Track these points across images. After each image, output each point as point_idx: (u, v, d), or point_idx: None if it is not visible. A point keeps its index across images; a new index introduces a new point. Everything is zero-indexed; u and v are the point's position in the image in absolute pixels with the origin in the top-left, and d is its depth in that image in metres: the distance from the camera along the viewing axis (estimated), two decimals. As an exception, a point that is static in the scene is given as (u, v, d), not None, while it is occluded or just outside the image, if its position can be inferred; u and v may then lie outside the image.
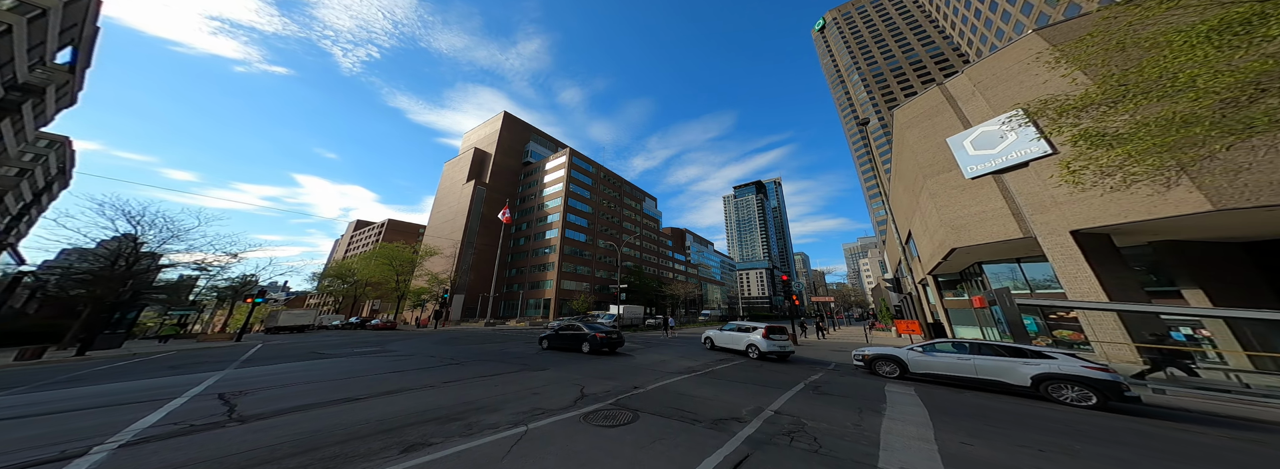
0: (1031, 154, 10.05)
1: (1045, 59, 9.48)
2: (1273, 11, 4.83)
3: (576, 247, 44.60)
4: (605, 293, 44.14)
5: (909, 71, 54.00)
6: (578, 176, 48.74)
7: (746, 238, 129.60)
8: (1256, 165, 6.45)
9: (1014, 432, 3.73)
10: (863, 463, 2.79)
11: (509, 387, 5.49)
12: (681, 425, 3.67)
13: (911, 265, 18.60)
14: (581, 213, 46.91)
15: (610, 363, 8.20)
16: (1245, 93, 5.36)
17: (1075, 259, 8.97)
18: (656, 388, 5.53)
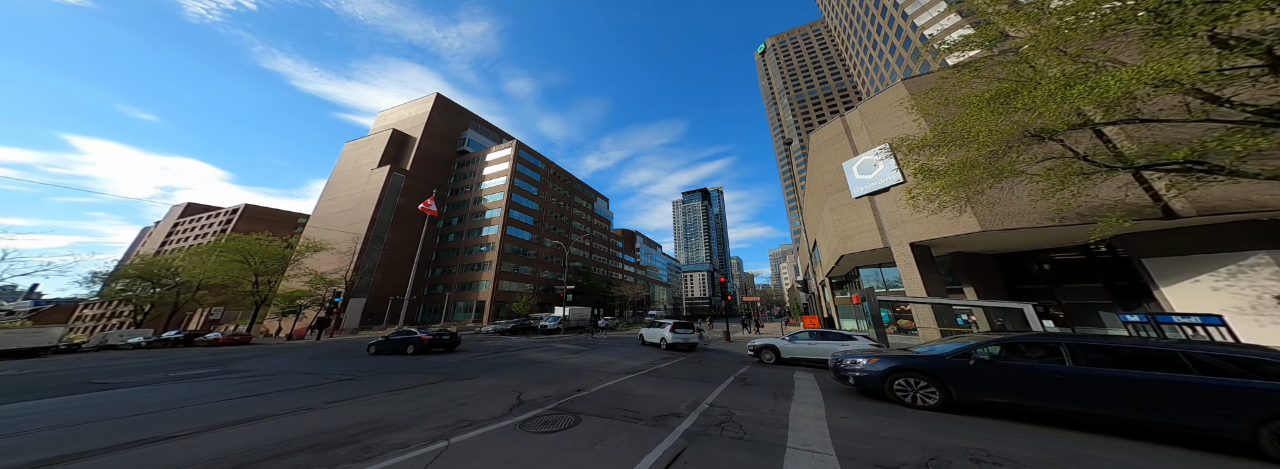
0: (891, 181, 12.73)
1: (905, 105, 12.11)
2: (1022, 90, 6.87)
3: (520, 245, 41.29)
4: (551, 294, 41.89)
5: (823, 102, 65.37)
6: (524, 171, 45.31)
7: (692, 242, 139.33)
8: (1003, 201, 9.31)
9: (873, 401, 4.73)
10: (776, 444, 3.19)
11: (425, 400, 4.89)
12: (624, 425, 3.71)
13: (815, 269, 22.06)
14: (526, 210, 43.72)
15: (553, 366, 7.98)
16: (1001, 147, 7.58)
17: (911, 265, 11.70)
18: (601, 389, 5.49)
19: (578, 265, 47.67)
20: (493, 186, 43.38)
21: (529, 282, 40.63)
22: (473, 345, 13.58)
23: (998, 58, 7.93)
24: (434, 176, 45.09)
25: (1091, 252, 10.53)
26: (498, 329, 23.10)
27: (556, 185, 51.09)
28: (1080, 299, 10.98)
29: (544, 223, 46.03)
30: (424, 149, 44.99)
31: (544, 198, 47.59)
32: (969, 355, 4.24)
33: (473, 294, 37.41)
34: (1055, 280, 11.58)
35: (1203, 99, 5.81)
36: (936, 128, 8.66)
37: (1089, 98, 6.05)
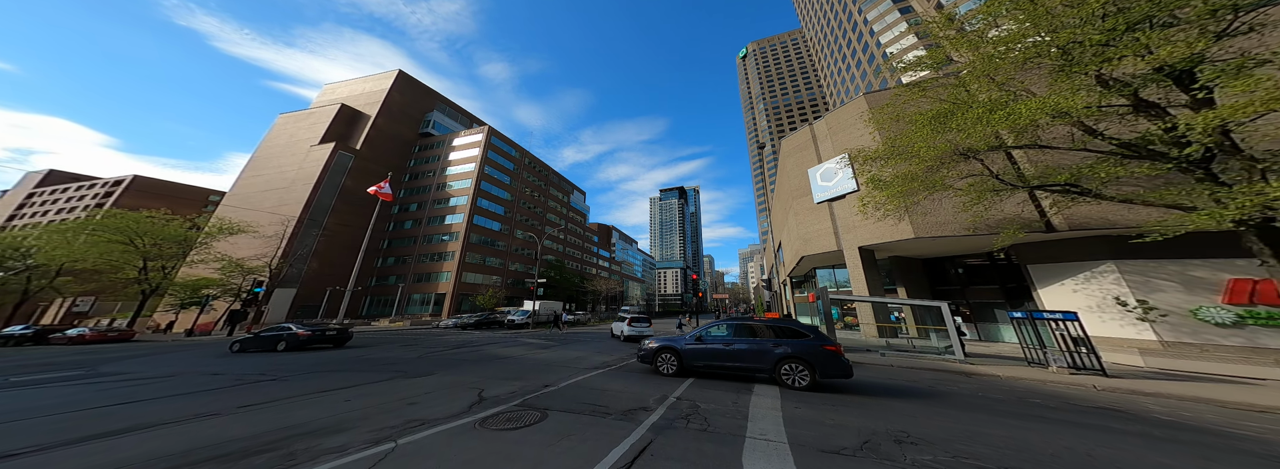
0: (847, 189, 13.89)
1: (864, 118, 13.19)
2: (957, 112, 7.78)
3: (488, 235, 38.80)
4: (520, 287, 40.13)
5: (795, 109, 69.48)
6: (495, 159, 42.47)
7: (667, 239, 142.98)
8: (933, 211, 10.64)
9: (820, 396, 4.96)
10: (736, 434, 3.33)
11: (368, 400, 4.50)
12: (592, 419, 3.69)
13: (779, 269, 23.57)
14: (497, 199, 41.13)
15: (519, 362, 7.75)
16: (936, 163, 8.58)
17: (858, 267, 12.97)
18: (570, 384, 5.42)
19: (551, 259, 46.17)
20: (459, 173, 40.15)
21: (496, 274, 38.55)
22: (429, 341, 12.59)
23: (942, 80, 8.92)
24: (390, 158, 40.54)
25: (993, 258, 12.49)
26: (459, 324, 21.68)
27: (531, 176, 48.73)
28: (983, 299, 13.00)
29: (516, 213, 43.76)
30: (380, 128, 40.23)
31: (517, 188, 45.16)
32: (701, 338, 5.98)
33: (431, 286, 34.58)
34: (966, 283, 13.56)
35: (1084, 131, 7.05)
36: (887, 142, 9.53)
37: (1006, 123, 7.02)
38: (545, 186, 51.58)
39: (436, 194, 39.96)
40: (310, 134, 38.08)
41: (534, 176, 49.58)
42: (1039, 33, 6.98)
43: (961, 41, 8.16)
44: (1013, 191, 8.11)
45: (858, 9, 34.57)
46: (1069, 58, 6.57)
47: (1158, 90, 6.35)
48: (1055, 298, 9.70)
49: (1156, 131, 5.97)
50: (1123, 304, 8.34)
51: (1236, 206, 5.09)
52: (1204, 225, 5.47)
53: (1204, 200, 5.55)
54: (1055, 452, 2.95)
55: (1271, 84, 5.01)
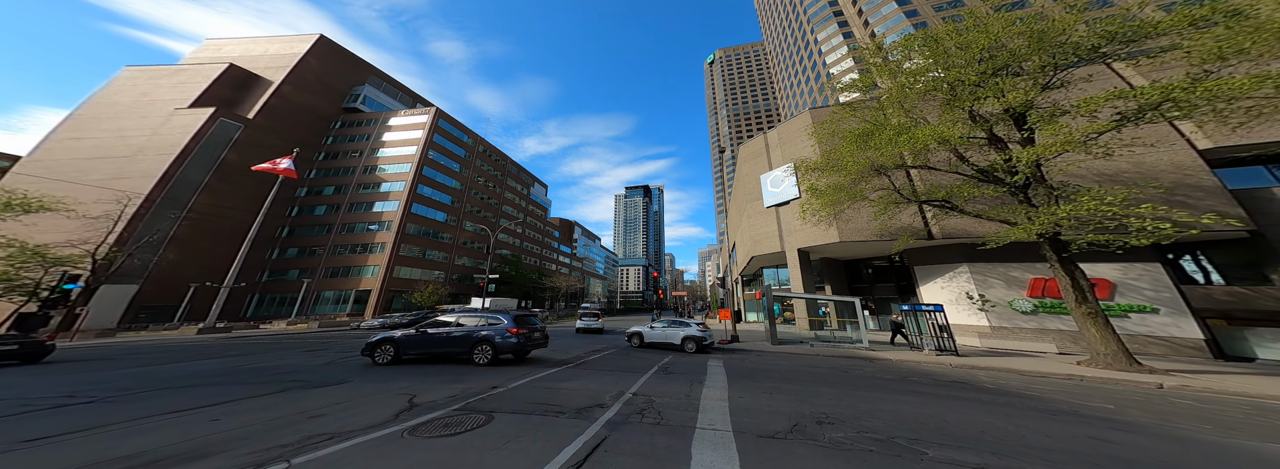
0: (791, 196, 15.53)
1: (808, 131, 14.83)
2: (875, 132, 9.19)
3: (430, 226, 34.55)
4: (469, 283, 36.66)
5: (752, 118, 75.95)
6: (443, 143, 38.15)
7: (631, 236, 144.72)
8: (853, 219, 12.54)
9: (763, 382, 5.56)
10: (687, 426, 3.45)
11: (250, 416, 3.76)
12: (543, 420, 3.60)
13: (733, 268, 25.39)
14: (443, 187, 36.95)
15: (455, 366, 7.07)
16: (858, 176, 10.07)
17: (796, 267, 14.65)
18: (521, 385, 5.23)
19: (506, 253, 43.30)
20: (396, 155, 35.18)
21: (439, 269, 34.56)
22: (344, 345, 10.71)
23: (868, 103, 10.40)
24: (298, 133, 33.63)
25: (892, 261, 15.28)
26: (386, 324, 18.68)
27: (485, 164, 44.87)
28: (884, 295, 15.76)
29: (465, 204, 39.75)
30: (286, 97, 33.19)
31: (468, 176, 41.06)
32: (414, 329, 6.96)
33: (351, 282, 29.73)
34: (873, 281, 16.32)
35: (957, 157, 8.88)
36: (825, 154, 10.85)
37: (908, 145, 8.49)
38: (502, 177, 47.88)
39: (363, 177, 34.46)
40: (177, 94, 29.81)
41: (489, 166, 45.73)
42: (938, 69, 8.66)
43: (885, 70, 9.68)
44: (908, 204, 9.89)
45: (811, 29, 38.83)
46: (954, 93, 8.23)
47: (1004, 128, 8.32)
48: (930, 293, 12.23)
49: (999, 161, 7.80)
50: (970, 298, 10.89)
51: (1039, 223, 6.93)
52: (1020, 237, 7.34)
53: (1021, 218, 7.44)
54: (922, 420, 3.70)
55: (1066, 131, 6.94)
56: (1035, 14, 7.77)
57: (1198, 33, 6.45)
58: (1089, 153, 7.15)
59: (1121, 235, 6.37)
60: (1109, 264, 9.41)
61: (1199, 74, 6.18)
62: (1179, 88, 6.01)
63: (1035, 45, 7.43)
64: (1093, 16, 7.90)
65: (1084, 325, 7.22)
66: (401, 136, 36.56)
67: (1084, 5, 7.41)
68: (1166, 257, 9.65)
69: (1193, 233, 7.13)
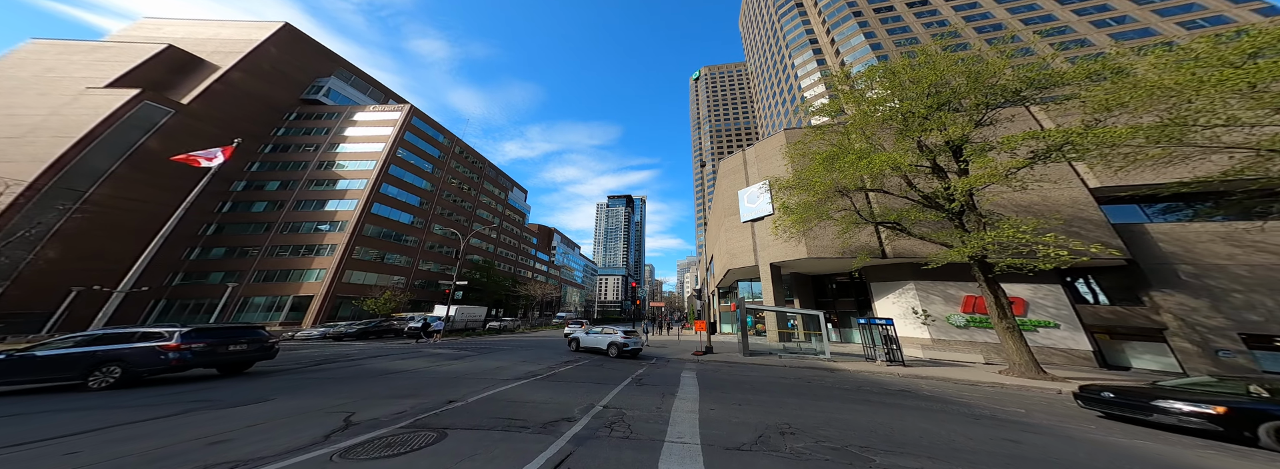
0: (766, 212, 16.47)
1: (782, 151, 16.01)
2: (840, 156, 10.16)
3: (393, 228, 32.52)
4: (433, 290, 34.37)
5: (733, 135, 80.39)
6: (415, 142, 36.81)
7: (612, 245, 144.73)
8: (820, 236, 13.55)
9: (733, 393, 5.66)
10: (657, 439, 3.45)
11: (134, 444, 3.16)
12: (504, 436, 3.47)
13: (709, 280, 26.01)
14: (411, 187, 35.25)
15: (417, 377, 6.73)
16: (825, 196, 10.98)
17: (768, 281, 15.37)
18: (483, 398, 4.99)
19: (477, 259, 41.48)
20: (359, 152, 33.24)
21: (400, 274, 32.21)
22: (280, 359, 9.49)
23: (835, 127, 11.33)
24: (244, 123, 31.11)
25: (852, 277, 16.56)
26: (330, 333, 16.72)
27: (461, 166, 43.63)
28: (844, 309, 16.81)
29: (436, 206, 37.95)
30: (234, 84, 30.68)
31: (441, 177, 39.51)
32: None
33: (289, 286, 26.80)
34: (836, 296, 17.43)
35: (907, 184, 10.07)
36: (796, 174, 11.66)
37: (867, 169, 9.43)
38: (478, 180, 46.52)
39: (317, 173, 32.09)
40: (93, 73, 26.78)
41: (465, 168, 44.41)
42: (894, 99, 9.82)
43: (851, 97, 10.79)
44: (866, 225, 10.88)
45: (789, 53, 42.56)
46: (906, 124, 9.30)
47: (945, 158, 9.55)
48: (883, 308, 13.29)
49: (940, 189, 8.92)
50: (915, 313, 12.02)
51: (970, 247, 7.95)
52: (955, 258, 8.35)
53: (957, 241, 8.49)
54: (872, 428, 3.96)
55: (992, 165, 8.13)
56: (974, 56, 9.07)
57: (1092, 85, 7.78)
58: (1009, 185, 8.39)
59: (1032, 260, 7.48)
60: (1023, 284, 10.76)
61: (1091, 122, 7.39)
62: (1075, 132, 7.22)
63: (972, 85, 8.61)
64: (1017, 62, 9.52)
65: (1004, 338, 8.24)
66: (368, 132, 34.84)
67: (1011, 52, 8.68)
68: (1065, 279, 11.18)
69: (1084, 259, 8.52)
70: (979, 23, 30.55)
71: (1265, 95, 6.25)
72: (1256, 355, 8.81)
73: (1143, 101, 6.93)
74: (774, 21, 48.99)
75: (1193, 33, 23.15)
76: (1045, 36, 27.03)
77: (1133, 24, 25.21)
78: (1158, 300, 9.97)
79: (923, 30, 31.76)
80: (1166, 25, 24.23)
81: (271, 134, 33.91)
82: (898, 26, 33.34)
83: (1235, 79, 6.11)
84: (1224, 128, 6.77)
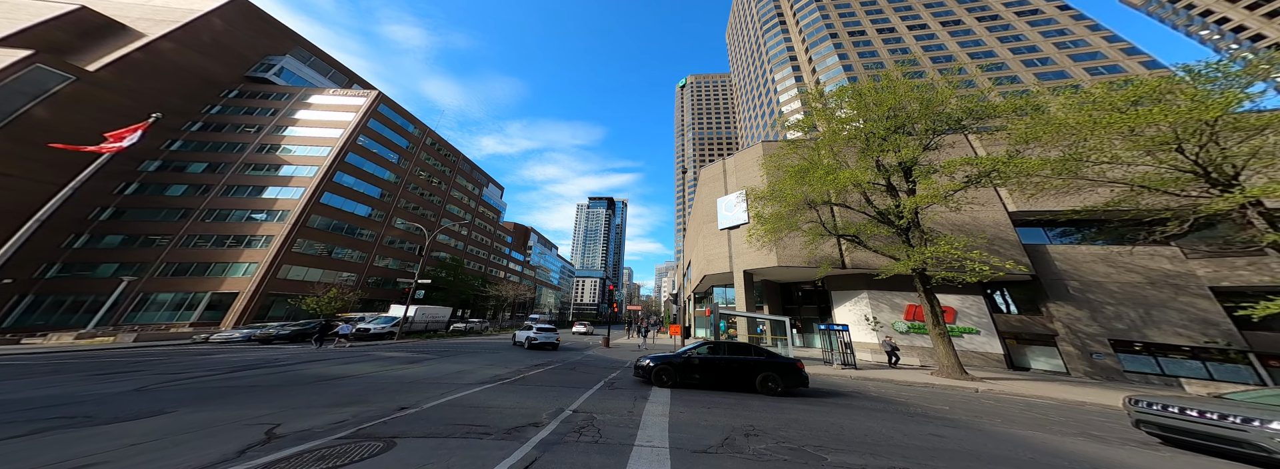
0: (742, 221, 17.25)
1: (759, 162, 16.92)
2: (810, 170, 10.97)
3: (345, 220, 29.95)
4: (390, 288, 32.09)
5: (715, 143, 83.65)
6: (380, 130, 34.50)
7: (590, 247, 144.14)
8: (789, 246, 14.50)
9: (703, 396, 5.89)
10: (626, 443, 3.46)
11: None
12: (463, 443, 3.33)
13: (686, 286, 26.64)
14: (372, 178, 32.77)
15: (361, 382, 6.27)
16: (795, 208, 11.80)
17: (742, 287, 16.10)
18: (441, 404, 4.76)
19: (443, 256, 39.24)
20: (312, 137, 30.55)
21: (351, 269, 29.62)
22: (177, 364, 8.33)
23: (807, 142, 12.09)
24: (169, 96, 27.59)
25: (816, 285, 17.86)
26: (256, 336, 14.84)
27: (432, 158, 41.39)
28: (808, 315, 17.98)
29: (400, 199, 35.46)
30: (162, 54, 26.99)
31: (408, 169, 37.14)
32: None
33: (208, 282, 23.71)
34: (801, 302, 18.62)
35: (865, 200, 11.12)
36: (771, 185, 12.45)
37: (833, 185, 10.25)
38: (450, 174, 44.29)
39: (256, 157, 29.02)
40: None
41: (437, 161, 42.19)
42: (859, 120, 10.84)
43: (823, 114, 11.71)
44: (830, 237, 11.84)
45: (770, 68, 45.12)
46: (868, 143, 10.33)
47: (898, 178, 10.62)
48: (841, 315, 14.47)
49: (892, 206, 9.99)
50: (867, 320, 13.29)
51: (914, 260, 8.97)
52: (901, 270, 9.35)
53: (903, 254, 9.55)
54: (826, 428, 4.28)
55: (935, 187, 9.24)
56: (927, 84, 10.20)
57: (1017, 119, 9.07)
58: (947, 206, 9.56)
59: (961, 274, 8.59)
60: (954, 295, 12.21)
61: (1013, 152, 8.65)
62: (1001, 161, 8.39)
63: (924, 110, 9.68)
64: (961, 93, 10.88)
65: (936, 343, 9.33)
66: (325, 117, 32.16)
67: (957, 82, 9.92)
68: (985, 291, 12.81)
69: (1001, 274, 9.92)
70: (934, 53, 34.27)
71: (1140, 138, 7.69)
72: (1121, 357, 10.59)
73: (1052, 137, 8.23)
74: (758, 36, 51.59)
75: (1096, 78, 27.68)
76: (985, 71, 30.88)
77: (1052, 66, 29.66)
78: (1052, 310, 11.73)
79: (888, 56, 35.04)
80: (1077, 69, 28.80)
81: (202, 111, 30.32)
82: (868, 50, 36.51)
83: (1120, 122, 7.45)
84: (1109, 165, 8.22)
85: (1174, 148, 7.55)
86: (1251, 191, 6.70)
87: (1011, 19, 34.00)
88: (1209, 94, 7.20)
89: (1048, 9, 33.44)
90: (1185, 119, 6.94)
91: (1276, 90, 7.69)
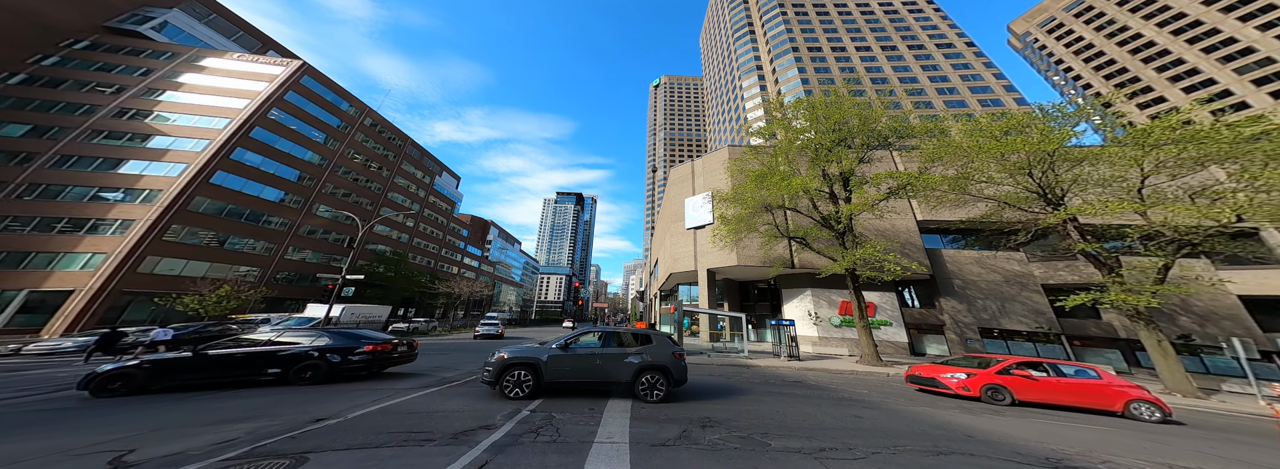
0: (707, 221, 18.13)
1: (725, 165, 17.83)
2: (768, 176, 11.87)
3: (249, 206, 25.31)
4: (307, 284, 27.94)
5: (685, 144, 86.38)
6: (303, 105, 29.65)
7: (557, 243, 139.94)
8: (748, 246, 15.68)
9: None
10: (586, 441, 3.43)
11: None
12: (396, 452, 3.07)
13: (652, 283, 27.21)
14: (287, 158, 27.93)
15: (252, 396, 5.36)
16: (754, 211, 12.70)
17: (704, 285, 17.03)
18: (372, 412, 4.35)
19: (382, 249, 35.12)
20: (205, 105, 25.30)
21: (254, 263, 25.08)
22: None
23: (767, 148, 13.05)
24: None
25: (769, 284, 19.60)
26: (89, 346, 11.13)
27: (372, 141, 36.59)
28: (762, 312, 19.73)
29: (325, 184, 30.75)
30: None
31: (339, 151, 32.30)
32: None
33: (29, 276, 18.50)
34: (757, 300, 20.43)
35: (812, 205, 12.42)
36: (734, 188, 13.29)
37: (786, 190, 11.25)
38: (394, 159, 39.44)
39: (111, 123, 23.21)
40: None
41: (378, 144, 37.34)
42: (811, 130, 12.00)
43: (782, 123, 12.73)
44: (782, 239, 13.08)
45: (738, 76, 47.56)
46: (816, 153, 11.55)
47: (838, 187, 12.07)
48: (789, 311, 16.22)
49: (833, 212, 11.31)
50: (810, 315, 15.08)
51: (846, 261, 10.30)
52: (837, 270, 10.69)
53: (839, 256, 10.95)
54: (771, 416, 4.72)
55: (866, 196, 10.65)
56: (866, 102, 11.65)
57: (928, 140, 10.89)
58: (874, 213, 11.11)
59: (881, 273, 10.11)
60: (875, 292, 14.43)
61: (924, 169, 10.52)
62: (912, 176, 10.10)
63: (862, 126, 11.09)
64: (890, 113, 12.57)
65: (861, 335, 10.93)
66: (224, 84, 26.78)
67: (888, 103, 11.53)
68: (897, 289, 15.35)
69: (908, 274, 11.91)
70: (874, 75, 39.03)
71: (1007, 163, 9.72)
72: (986, 343, 13.46)
73: (951, 158, 10.04)
74: (730, 43, 53.76)
75: (985, 109, 33.87)
76: (909, 95, 36.04)
77: (956, 95, 35.71)
78: (941, 305, 14.41)
79: (838, 74, 39.00)
80: (972, 99, 35.08)
81: (27, 60, 23.47)
82: (822, 66, 40.25)
83: (994, 149, 9.33)
84: (985, 184, 10.24)
85: (1026, 172, 9.65)
86: (1070, 210, 8.87)
87: (932, 49, 40.03)
88: (1052, 130, 9.34)
89: (958, 44, 39.98)
90: (1034, 149, 8.91)
91: (1094, 131, 10.74)
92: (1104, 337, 12.75)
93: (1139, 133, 8.55)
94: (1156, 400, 6.04)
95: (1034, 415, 5.79)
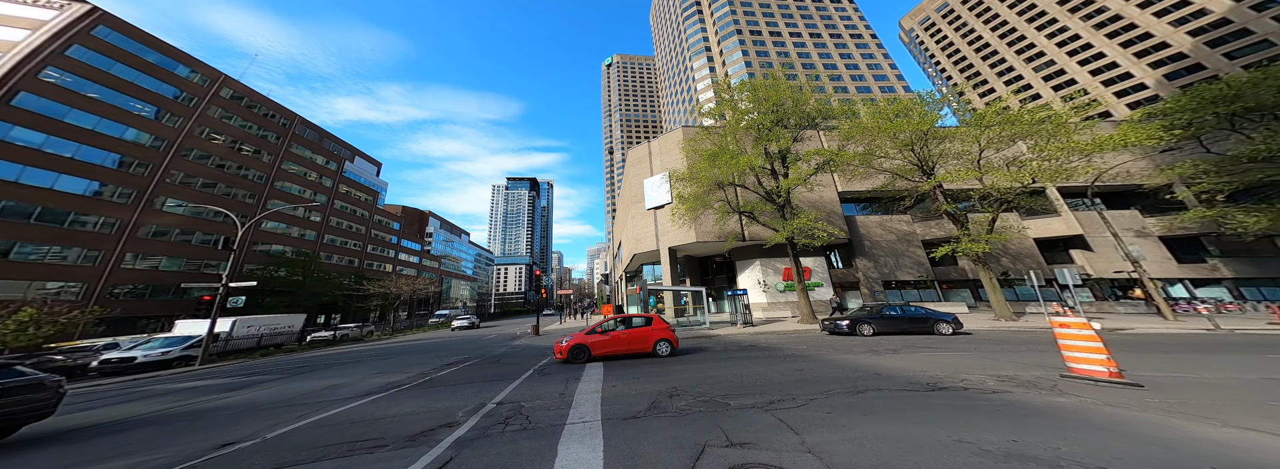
0: (666, 201, 18.53)
1: (680, 145, 18.03)
2: (719, 154, 12.38)
3: (41, 201, 18.69)
4: (164, 298, 22.25)
5: (643, 125, 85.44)
6: (104, 66, 21.40)
7: (512, 232, 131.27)
8: (705, 223, 16.68)
9: (633, 368, 6.23)
10: (557, 424, 3.44)
11: None
12: (342, 464, 2.82)
13: (617, 266, 27.37)
14: (93, 137, 20.66)
15: (136, 426, 4.65)
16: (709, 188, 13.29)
17: (666, 263, 17.79)
18: (302, 427, 3.95)
19: (282, 250, 29.26)
20: None
21: (74, 277, 19.10)
22: None
23: (717, 129, 13.67)
24: None
25: (725, 257, 21.45)
26: None
27: (239, 118, 28.39)
28: (720, 284, 21.73)
29: (173, 171, 23.55)
30: None
31: (183, 128, 24.50)
32: None
33: None
34: (715, 273, 22.35)
35: (758, 182, 13.53)
36: (689, 167, 13.70)
37: (736, 168, 11.98)
38: (277, 141, 31.06)
39: None
40: None
41: (249, 121, 29.12)
42: (754, 112, 12.69)
43: (729, 104, 13.23)
44: (734, 214, 14.11)
45: (689, 57, 47.27)
46: (759, 133, 12.42)
47: (778, 164, 13.30)
48: (742, 281, 18.17)
49: (774, 187, 12.46)
50: (759, 283, 17.07)
51: (785, 231, 11.64)
52: (779, 239, 12.08)
53: (781, 227, 12.30)
54: (730, 379, 5.04)
55: (799, 171, 11.90)
56: (797, 85, 12.76)
57: (845, 121, 12.59)
58: (806, 187, 12.58)
59: (813, 240, 11.68)
60: (810, 258, 16.99)
61: (840, 147, 12.17)
62: (832, 153, 11.65)
63: (795, 108, 12.32)
64: (817, 96, 13.91)
65: (800, 297, 12.81)
66: None
67: (813, 88, 12.86)
68: (826, 253, 18.28)
69: (833, 239, 14.06)
70: (804, 59, 42.32)
71: (898, 141, 11.70)
72: (888, 293, 16.92)
73: (860, 137, 11.70)
74: (679, 23, 52.34)
75: (884, 95, 39.54)
76: (831, 80, 40.20)
77: (863, 82, 41.08)
78: (857, 264, 17.64)
79: (776, 58, 41.29)
80: (874, 85, 40.67)
81: None
82: (762, 50, 42.00)
83: (889, 128, 11.11)
84: (884, 158, 12.23)
85: (910, 148, 11.78)
86: (938, 179, 11.21)
87: (847, 39, 44.58)
88: (928, 113, 11.42)
89: (865, 35, 45.17)
90: (914, 129, 10.87)
91: (953, 114, 14.23)
92: (961, 279, 16.98)
93: (977, 116, 11.00)
94: (670, 337, 7.43)
95: (920, 353, 6.68)
